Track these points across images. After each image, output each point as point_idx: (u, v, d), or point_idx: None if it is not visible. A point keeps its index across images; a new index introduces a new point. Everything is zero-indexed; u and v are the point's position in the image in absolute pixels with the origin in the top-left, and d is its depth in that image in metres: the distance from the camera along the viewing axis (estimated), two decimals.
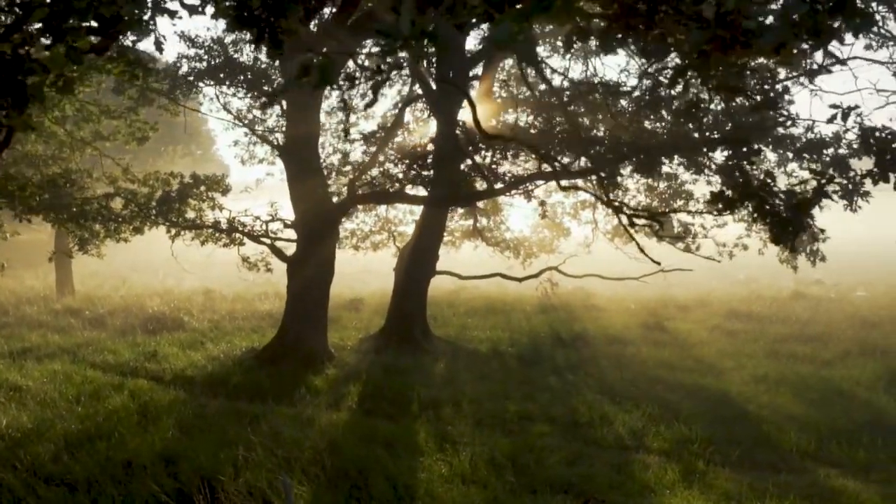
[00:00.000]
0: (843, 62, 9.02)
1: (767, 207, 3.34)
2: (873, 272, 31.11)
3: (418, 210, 16.62)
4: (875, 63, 11.44)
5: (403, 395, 10.84)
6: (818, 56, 11.00)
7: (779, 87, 16.96)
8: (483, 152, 11.65)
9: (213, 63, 14.28)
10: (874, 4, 12.75)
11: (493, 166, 11.33)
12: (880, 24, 12.60)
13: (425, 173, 12.01)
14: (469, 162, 11.99)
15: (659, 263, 11.40)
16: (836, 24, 2.31)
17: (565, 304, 21.26)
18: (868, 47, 12.37)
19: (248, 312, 19.24)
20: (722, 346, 15.31)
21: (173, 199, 13.59)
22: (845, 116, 4.52)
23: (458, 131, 12.87)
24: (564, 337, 16.31)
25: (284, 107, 13.38)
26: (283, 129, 14.00)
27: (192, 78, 14.18)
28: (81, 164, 17.65)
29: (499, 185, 11.39)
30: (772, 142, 9.56)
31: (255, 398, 10.68)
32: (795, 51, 2.36)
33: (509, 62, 19.24)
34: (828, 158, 9.35)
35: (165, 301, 19.87)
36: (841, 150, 10.45)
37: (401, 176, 12.52)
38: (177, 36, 14.74)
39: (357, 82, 17.92)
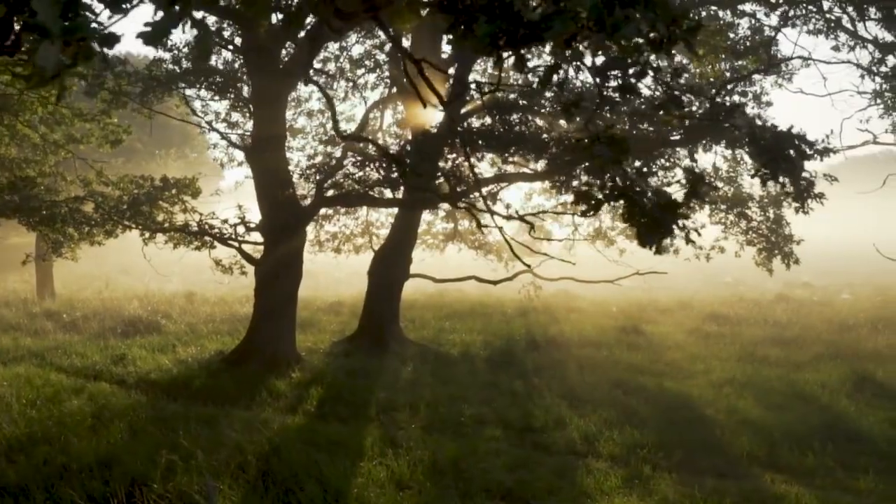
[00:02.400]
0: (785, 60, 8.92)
1: (636, 208, 3.28)
2: (864, 274, 30.91)
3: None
4: (814, 62, 11.37)
5: (362, 398, 10.79)
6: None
7: (757, 88, 16.88)
8: (447, 155, 11.62)
9: (183, 66, 14.29)
10: (843, 4, 12.72)
11: (458, 169, 11.31)
12: (847, 25, 12.54)
13: (392, 175, 11.98)
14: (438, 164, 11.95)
15: (529, 266, 11.43)
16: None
17: (547, 307, 21.19)
18: (835, 49, 12.31)
19: (228, 315, 19.22)
20: (696, 350, 15.21)
21: (141, 202, 13.59)
22: (729, 114, 4.43)
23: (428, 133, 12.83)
24: (539, 340, 16.25)
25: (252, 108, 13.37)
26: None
27: (161, 81, 14.17)
28: (62, 167, 17.69)
29: (461, 188, 11.34)
30: (727, 141, 9.50)
31: (214, 401, 10.63)
32: (586, 43, 2.30)
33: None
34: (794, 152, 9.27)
35: (145, 304, 19.86)
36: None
37: (368, 178, 12.49)
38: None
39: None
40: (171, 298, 21.30)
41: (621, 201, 3.18)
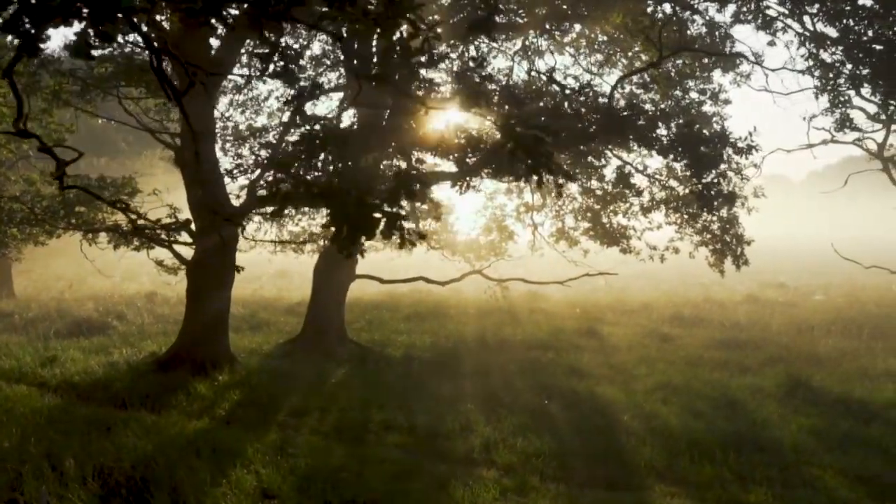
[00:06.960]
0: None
1: (339, 210, 3.00)
2: (844, 274, 30.28)
3: None
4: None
5: (277, 402, 10.55)
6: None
7: (714, 86, 16.41)
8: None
9: (120, 65, 14.09)
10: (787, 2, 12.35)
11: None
12: (789, 21, 12.16)
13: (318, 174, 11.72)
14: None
15: (240, 269, 11.11)
16: None
17: (511, 308, 20.88)
18: (771, 44, 11.91)
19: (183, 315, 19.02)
20: (646, 352, 14.87)
21: (74, 203, 13.42)
22: (484, 99, 4.08)
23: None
24: (490, 342, 15.97)
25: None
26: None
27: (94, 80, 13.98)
28: (19, 166, 17.54)
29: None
30: (636, 138, 9.18)
31: (130, 405, 10.41)
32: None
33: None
34: (705, 150, 8.96)
35: (101, 305, 19.70)
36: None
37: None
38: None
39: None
40: (130, 299, 21.15)
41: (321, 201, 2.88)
